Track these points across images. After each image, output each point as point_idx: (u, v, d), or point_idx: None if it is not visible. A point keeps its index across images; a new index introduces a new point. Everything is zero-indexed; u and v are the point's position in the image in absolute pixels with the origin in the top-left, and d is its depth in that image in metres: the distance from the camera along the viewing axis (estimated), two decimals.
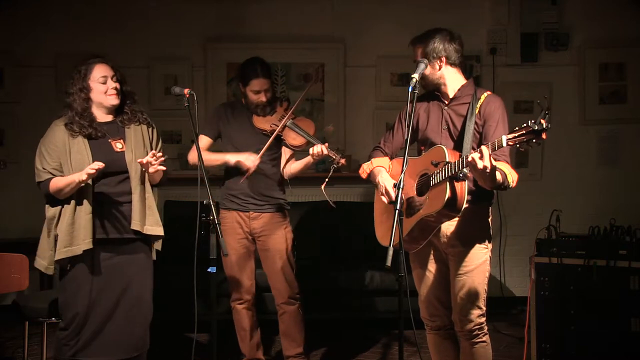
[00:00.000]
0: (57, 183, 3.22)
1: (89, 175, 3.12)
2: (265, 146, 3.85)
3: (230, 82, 6.00)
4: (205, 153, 3.91)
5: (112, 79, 3.31)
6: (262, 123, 3.93)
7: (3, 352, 4.71)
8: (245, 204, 3.99)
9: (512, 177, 3.01)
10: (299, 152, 4.04)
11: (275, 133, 3.85)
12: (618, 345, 3.86)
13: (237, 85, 4.06)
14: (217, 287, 3.19)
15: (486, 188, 3.02)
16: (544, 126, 2.61)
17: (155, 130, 3.51)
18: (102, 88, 3.29)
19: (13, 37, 5.83)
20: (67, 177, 3.21)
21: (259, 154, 3.86)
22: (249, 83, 3.90)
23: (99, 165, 3.12)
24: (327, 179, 3.71)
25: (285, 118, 3.88)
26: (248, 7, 5.97)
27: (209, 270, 3.14)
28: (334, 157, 3.68)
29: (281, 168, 4.06)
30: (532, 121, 2.63)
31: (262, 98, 3.92)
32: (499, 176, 2.91)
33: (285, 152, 4.06)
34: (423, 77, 3.16)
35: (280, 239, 4.01)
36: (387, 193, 3.20)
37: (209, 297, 3.17)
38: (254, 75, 3.89)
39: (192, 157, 4.03)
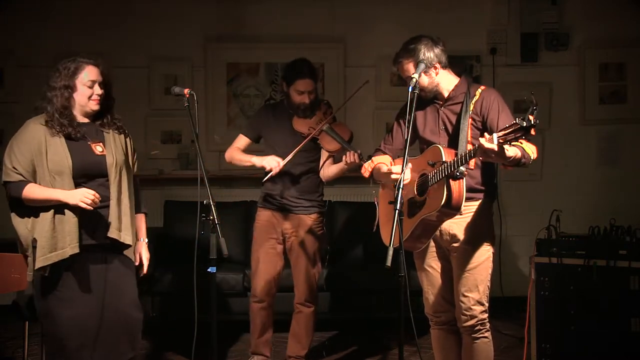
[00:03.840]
0: (34, 193, 3.06)
1: (87, 205, 3.02)
2: (297, 148, 3.85)
3: (231, 82, 6.01)
4: (236, 152, 4.11)
5: (99, 84, 3.20)
6: (301, 125, 3.95)
7: (3, 352, 4.71)
8: (280, 205, 4.04)
9: (531, 148, 3.00)
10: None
11: (310, 136, 3.87)
12: (618, 345, 3.86)
13: (280, 86, 4.11)
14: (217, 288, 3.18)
15: (509, 167, 3.00)
16: (532, 122, 2.61)
17: (131, 141, 3.41)
18: (88, 92, 3.17)
19: (13, 37, 5.83)
20: (50, 192, 3.06)
21: (292, 152, 3.86)
22: (294, 82, 3.91)
23: (97, 197, 3.06)
24: (373, 192, 3.60)
25: (323, 122, 3.89)
26: (248, 7, 5.97)
27: (209, 270, 3.13)
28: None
29: (320, 171, 4.09)
30: (521, 118, 2.63)
31: (305, 99, 3.93)
32: (515, 151, 2.90)
33: (323, 155, 4.07)
34: (422, 88, 3.17)
35: (309, 241, 4.06)
36: (395, 173, 3.18)
37: (209, 297, 3.17)
38: (300, 75, 3.90)
39: (228, 154, 4.15)
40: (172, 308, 4.96)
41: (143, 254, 3.40)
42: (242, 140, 4.16)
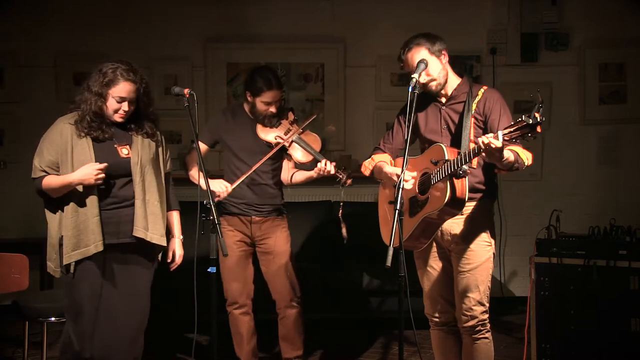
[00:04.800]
0: (49, 181, 3.14)
1: (96, 182, 3.08)
2: (264, 159, 3.78)
3: (231, 82, 6.01)
4: (191, 164, 3.90)
5: (129, 102, 3.21)
6: (267, 134, 3.84)
7: (3, 352, 4.71)
8: (247, 210, 3.96)
9: (526, 154, 3.01)
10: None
11: (279, 147, 3.78)
12: (618, 345, 3.86)
13: (242, 92, 3.95)
14: (217, 288, 3.18)
15: (503, 170, 3.00)
16: (538, 119, 2.62)
17: (161, 144, 3.40)
18: (115, 106, 3.19)
19: (13, 37, 5.83)
20: (60, 178, 3.12)
21: (257, 163, 3.78)
22: (261, 94, 3.78)
23: (103, 165, 3.09)
24: (341, 204, 3.65)
25: (292, 133, 3.80)
26: (248, 7, 5.97)
27: (209, 270, 3.14)
28: (340, 176, 3.62)
29: (282, 176, 4.03)
30: (527, 115, 2.64)
31: (273, 109, 3.82)
32: (508, 154, 2.89)
33: (286, 161, 4.01)
34: (431, 79, 3.18)
35: (282, 241, 3.99)
36: (395, 175, 3.19)
37: (209, 297, 3.17)
38: (267, 86, 3.76)
39: (187, 163, 3.95)
40: (172, 308, 4.95)
41: (176, 250, 3.44)
42: (200, 146, 3.88)
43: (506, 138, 2.73)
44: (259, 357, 4.17)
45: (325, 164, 3.65)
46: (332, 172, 3.62)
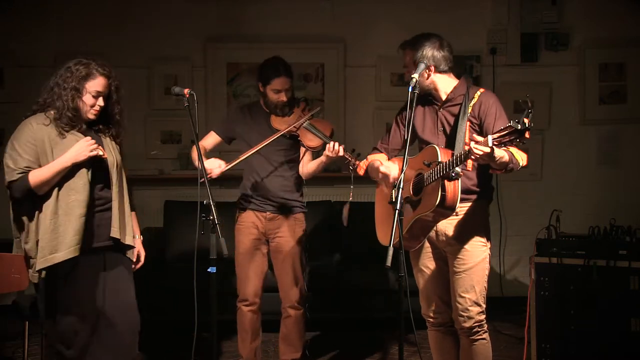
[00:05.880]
0: (40, 175, 3.03)
1: (95, 155, 3.05)
2: (264, 142, 3.81)
3: (231, 82, 6.01)
4: (194, 151, 3.89)
5: (103, 97, 3.17)
6: (279, 123, 3.90)
7: (3, 352, 4.71)
8: (262, 205, 3.97)
9: (520, 155, 3.00)
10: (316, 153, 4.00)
11: (284, 131, 3.82)
12: (618, 345, 3.86)
13: (256, 86, 4.04)
14: (218, 286, 3.18)
15: (498, 171, 3.00)
16: (527, 125, 2.61)
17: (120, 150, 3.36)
18: (91, 101, 3.15)
19: (13, 37, 5.83)
20: (51, 165, 3.04)
21: (261, 143, 3.81)
22: (271, 82, 3.87)
23: (93, 141, 3.08)
24: (351, 187, 3.69)
25: (303, 119, 3.85)
26: (248, 7, 5.97)
27: (209, 270, 3.14)
28: (349, 158, 3.64)
29: (299, 169, 4.04)
30: (516, 121, 2.63)
31: (283, 97, 3.88)
32: (502, 153, 2.88)
33: (303, 153, 4.03)
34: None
35: (294, 241, 3.99)
36: (388, 174, 3.22)
37: (209, 297, 3.17)
38: (276, 74, 3.85)
39: (194, 156, 3.96)
40: (172, 308, 4.95)
41: (141, 251, 3.40)
42: (212, 138, 4.04)
43: (495, 143, 2.73)
44: (260, 357, 4.18)
45: (334, 145, 3.69)
46: (341, 153, 3.66)
